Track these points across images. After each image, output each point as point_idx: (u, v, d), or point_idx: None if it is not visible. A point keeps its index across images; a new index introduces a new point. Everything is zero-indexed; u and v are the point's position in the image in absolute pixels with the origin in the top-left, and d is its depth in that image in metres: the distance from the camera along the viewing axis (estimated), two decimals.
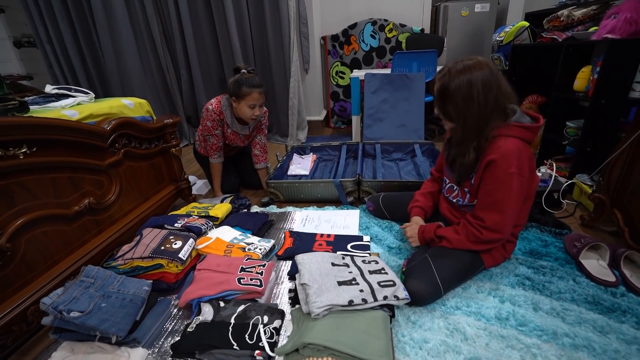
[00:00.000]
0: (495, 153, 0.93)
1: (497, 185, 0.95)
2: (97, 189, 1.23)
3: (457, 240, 1.04)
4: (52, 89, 1.35)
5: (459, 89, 0.91)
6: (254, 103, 1.54)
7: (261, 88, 1.54)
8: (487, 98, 0.91)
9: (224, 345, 0.84)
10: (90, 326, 0.86)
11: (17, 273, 0.95)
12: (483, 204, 1.00)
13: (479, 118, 0.94)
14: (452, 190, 1.15)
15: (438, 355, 0.83)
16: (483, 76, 0.90)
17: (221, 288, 0.99)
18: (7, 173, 0.93)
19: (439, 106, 1.00)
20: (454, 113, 0.96)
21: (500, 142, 0.93)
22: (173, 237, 1.18)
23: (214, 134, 1.65)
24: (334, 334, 0.77)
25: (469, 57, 0.94)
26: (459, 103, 0.93)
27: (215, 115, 1.62)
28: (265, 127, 1.84)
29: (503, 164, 0.92)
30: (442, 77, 0.96)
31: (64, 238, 1.10)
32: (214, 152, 1.69)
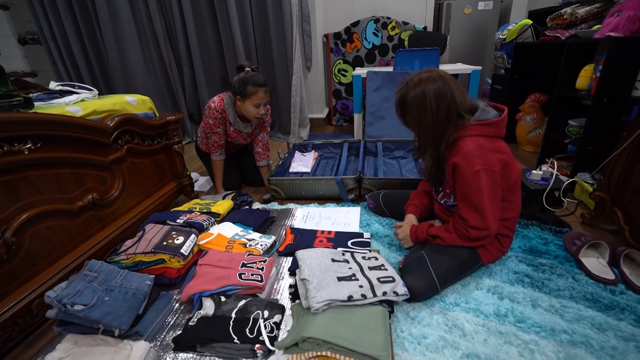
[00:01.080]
0: (457, 155, 0.98)
1: (467, 185, 0.98)
2: (100, 185, 1.25)
3: (449, 238, 1.06)
4: (56, 85, 1.37)
5: (414, 100, 0.98)
6: (259, 102, 1.53)
7: (266, 87, 1.54)
8: (439, 107, 0.96)
9: (225, 339, 0.86)
10: (94, 319, 0.87)
11: (21, 267, 0.97)
12: (461, 204, 1.03)
13: (434, 126, 0.99)
14: (438, 192, 1.17)
15: (436, 351, 0.84)
16: (436, 88, 0.96)
17: (222, 283, 1.00)
18: (12, 168, 0.94)
19: (400, 115, 1.07)
20: (412, 122, 1.04)
21: (461, 144, 0.97)
22: (175, 233, 1.19)
23: (216, 131, 1.65)
24: (333, 329, 0.78)
25: (426, 70, 1.01)
26: (414, 113, 1.00)
27: (217, 113, 1.62)
28: (268, 124, 1.83)
29: (466, 164, 0.96)
30: (401, 90, 1.03)
31: (67, 233, 1.11)
32: (216, 149, 1.69)
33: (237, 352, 0.84)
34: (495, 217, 1.00)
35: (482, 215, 0.98)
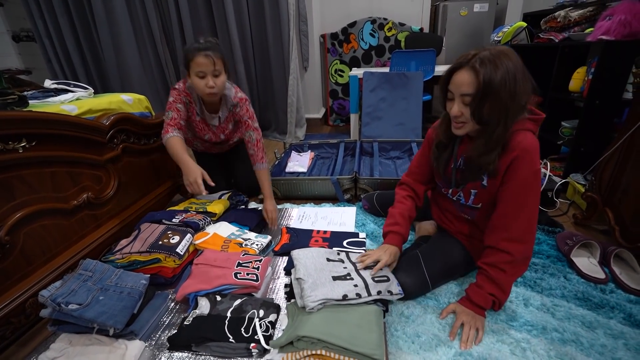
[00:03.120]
0: (515, 150, 0.83)
1: (522, 185, 0.84)
2: (95, 184, 1.24)
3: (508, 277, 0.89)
4: (51, 83, 1.36)
5: (505, 82, 0.76)
6: (201, 70, 1.23)
7: (209, 50, 1.22)
8: (526, 88, 0.79)
9: (220, 338, 0.86)
10: (88, 318, 0.87)
11: (15, 266, 0.97)
12: (505, 210, 0.88)
13: (516, 114, 0.81)
14: (455, 189, 1.03)
15: (430, 349, 0.85)
16: (519, 63, 0.78)
17: (218, 282, 1.00)
18: (6, 167, 0.94)
19: (477, 105, 0.80)
20: (493, 112, 0.80)
21: (519, 137, 0.83)
22: (171, 232, 1.19)
23: (175, 107, 1.33)
24: (328, 327, 0.79)
25: (487, 47, 0.81)
26: (503, 99, 0.77)
27: (179, 92, 1.36)
28: (250, 119, 1.44)
29: (527, 160, 0.82)
30: (481, 66, 0.77)
31: (62, 232, 1.11)
32: (171, 127, 1.30)
33: (233, 351, 0.85)
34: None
35: (531, 225, 0.86)
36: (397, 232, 1.04)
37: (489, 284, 0.90)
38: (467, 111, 0.83)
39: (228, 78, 1.37)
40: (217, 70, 1.25)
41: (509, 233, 0.87)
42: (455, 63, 0.83)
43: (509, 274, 0.88)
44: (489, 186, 0.91)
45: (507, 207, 0.88)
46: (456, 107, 0.85)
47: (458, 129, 0.89)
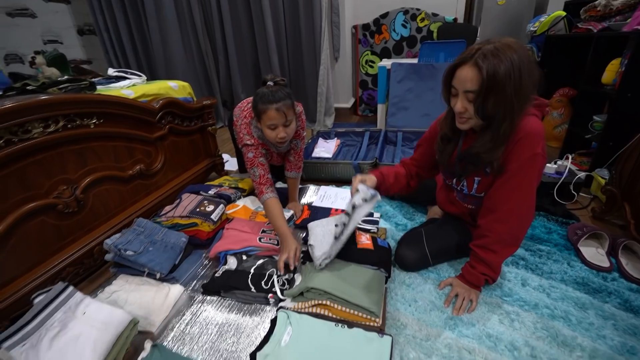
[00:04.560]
0: (519, 133, 0.84)
1: (519, 168, 0.87)
2: (146, 158, 1.45)
3: (499, 252, 0.95)
4: (113, 71, 1.59)
5: (509, 76, 0.75)
6: (273, 123, 1.17)
7: (280, 103, 1.14)
8: (531, 81, 0.79)
9: (244, 288, 1.02)
10: (141, 263, 1.07)
11: (87, 219, 1.19)
12: (499, 191, 0.91)
13: (522, 108, 0.82)
14: (459, 180, 1.06)
15: (425, 313, 0.96)
16: (525, 55, 0.77)
17: (245, 244, 1.17)
18: (81, 139, 1.15)
19: (482, 101, 0.80)
20: (497, 107, 0.80)
21: (524, 122, 0.85)
22: (207, 202, 1.37)
23: (258, 162, 1.26)
24: (334, 283, 0.92)
25: (493, 40, 0.80)
26: (507, 94, 0.77)
27: (256, 147, 1.28)
28: (302, 129, 1.41)
29: (527, 144, 0.84)
30: (485, 61, 0.76)
31: (120, 196, 1.33)
32: (264, 186, 1.24)
33: (253, 299, 1.01)
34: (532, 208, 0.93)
35: (530, 209, 0.91)
36: (380, 172, 1.13)
37: (480, 265, 0.97)
38: (471, 107, 0.83)
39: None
40: (288, 120, 1.19)
41: (497, 214, 0.92)
42: (459, 58, 0.83)
43: (499, 254, 0.94)
44: (492, 173, 0.94)
45: (498, 189, 0.91)
46: (460, 103, 0.85)
47: (462, 124, 0.90)
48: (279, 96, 1.15)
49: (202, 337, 0.92)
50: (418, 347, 0.85)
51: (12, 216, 0.97)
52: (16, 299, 0.97)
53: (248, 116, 1.30)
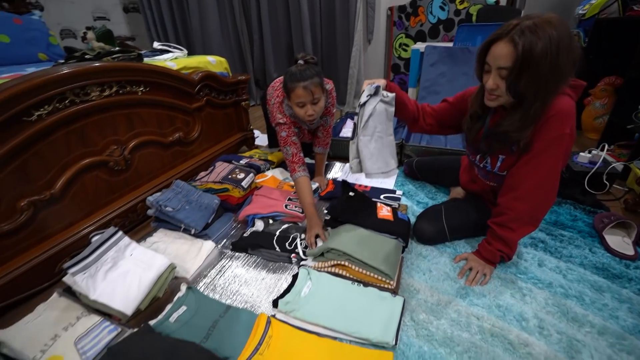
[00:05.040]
0: (550, 110, 0.83)
1: (545, 147, 0.86)
2: (185, 127, 1.56)
3: (516, 230, 0.96)
4: (157, 45, 1.70)
5: (546, 53, 0.73)
6: (300, 101, 1.21)
7: (307, 81, 1.17)
8: (569, 60, 0.77)
9: (269, 247, 1.11)
10: (178, 219, 1.18)
11: (132, 178, 1.32)
12: (521, 169, 0.91)
13: (556, 88, 0.81)
14: (483, 156, 1.06)
15: (438, 281, 1.00)
16: (565, 32, 0.74)
17: (272, 209, 1.25)
18: (130, 105, 1.27)
19: (514, 78, 0.79)
20: (530, 86, 0.79)
21: (556, 100, 0.83)
22: (238, 170, 1.47)
23: (291, 141, 1.32)
24: (353, 246, 0.98)
25: (534, 15, 0.77)
26: (542, 72, 0.76)
27: (289, 126, 1.32)
28: (332, 106, 1.43)
29: (556, 123, 0.83)
30: (521, 37, 0.74)
31: (161, 159, 1.45)
32: (296, 164, 1.29)
33: (278, 257, 1.10)
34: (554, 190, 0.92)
35: (552, 189, 0.90)
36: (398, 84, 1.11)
37: (496, 241, 0.99)
38: (503, 85, 0.82)
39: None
40: (315, 98, 1.21)
41: (518, 192, 0.92)
42: (495, 34, 0.81)
43: (517, 232, 0.96)
44: (518, 152, 0.93)
45: (522, 167, 0.91)
46: (492, 80, 0.84)
47: (491, 101, 0.89)
48: (307, 74, 1.18)
49: (229, 286, 1.02)
50: (428, 310, 0.90)
51: (74, 168, 1.11)
52: (75, 240, 1.11)
53: (280, 95, 1.34)
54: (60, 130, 1.06)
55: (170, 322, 0.86)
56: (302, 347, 0.77)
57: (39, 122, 0.99)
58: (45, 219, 1.07)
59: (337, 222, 1.13)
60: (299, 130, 1.41)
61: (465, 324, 0.86)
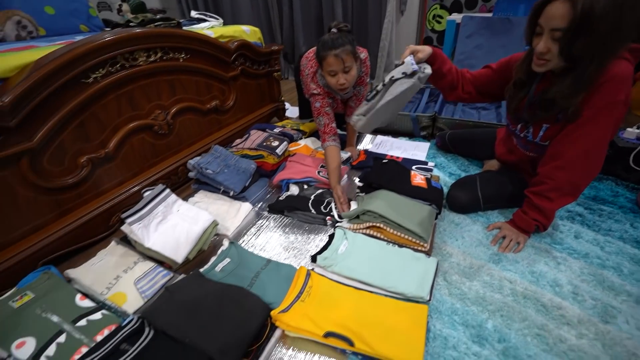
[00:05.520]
0: (605, 75, 0.79)
1: (595, 114, 0.82)
2: (221, 95, 1.61)
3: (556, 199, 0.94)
4: (195, 14, 1.73)
5: (607, 13, 0.69)
6: (332, 69, 1.20)
7: (339, 49, 1.16)
8: (633, 21, 0.71)
9: (305, 209, 1.16)
10: (218, 181, 1.25)
11: (173, 142, 1.39)
12: (567, 137, 0.88)
13: (615, 51, 0.76)
14: (525, 126, 1.02)
15: (470, 247, 1.02)
16: None
17: (305, 174, 1.29)
18: (172, 71, 1.32)
19: (570, 40, 0.74)
20: (587, 49, 0.74)
21: (611, 64, 0.78)
22: (272, 138, 1.51)
23: (324, 112, 1.33)
24: (389, 209, 1.01)
25: None
26: (602, 33, 0.71)
27: (323, 97, 1.34)
28: (366, 75, 1.42)
29: (611, 89, 0.78)
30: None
31: (199, 126, 1.51)
32: (327, 134, 1.31)
33: (313, 219, 1.14)
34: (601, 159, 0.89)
35: (598, 159, 0.87)
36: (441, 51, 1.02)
37: (533, 211, 0.98)
38: (556, 47, 0.78)
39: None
40: (347, 67, 1.20)
41: (561, 161, 0.90)
42: None
43: (555, 202, 0.94)
44: (564, 121, 0.89)
45: (567, 135, 0.88)
46: (543, 43, 0.79)
47: (540, 66, 0.84)
48: (338, 43, 1.17)
49: (267, 245, 1.08)
50: (461, 272, 0.93)
51: (123, 130, 1.18)
52: (125, 197, 1.20)
53: (314, 65, 1.34)
54: (112, 93, 1.13)
55: (216, 271, 0.93)
56: (342, 296, 0.82)
57: (95, 85, 1.06)
58: (101, 176, 1.16)
59: (371, 188, 1.15)
60: (332, 100, 1.42)
61: (497, 286, 0.88)
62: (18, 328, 0.73)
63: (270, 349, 0.75)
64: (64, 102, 0.99)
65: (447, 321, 0.80)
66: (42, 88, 0.92)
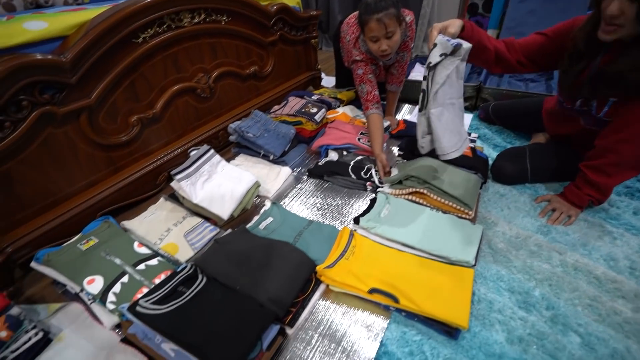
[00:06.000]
0: None
1: None
2: (259, 60, 1.60)
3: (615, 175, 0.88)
4: None
5: None
6: (374, 35, 1.15)
7: (381, 13, 1.10)
8: None
9: (345, 174, 1.16)
10: (259, 144, 1.27)
11: (214, 106, 1.42)
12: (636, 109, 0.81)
13: None
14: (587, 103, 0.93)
15: (517, 218, 0.99)
16: None
17: (345, 141, 1.29)
18: (215, 33, 1.32)
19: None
20: None
21: None
22: (311, 105, 1.50)
23: (367, 79, 1.28)
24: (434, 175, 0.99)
25: None
26: None
27: (365, 63, 1.30)
28: (410, 40, 1.35)
29: None
30: None
31: (238, 91, 1.53)
32: (370, 102, 1.26)
33: (353, 184, 1.14)
34: None
35: None
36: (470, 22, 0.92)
37: (587, 187, 0.92)
38: (632, 9, 0.69)
39: None
40: (389, 32, 1.14)
41: (625, 134, 0.83)
42: None
43: (614, 177, 0.88)
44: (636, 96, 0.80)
45: (634, 108, 0.81)
46: (616, 3, 0.70)
47: (609, 33, 0.75)
48: (381, 5, 1.10)
49: (307, 207, 1.09)
50: (506, 241, 0.91)
51: (169, 91, 1.21)
52: (170, 158, 1.25)
53: (356, 31, 1.29)
54: (159, 54, 1.15)
55: (260, 229, 0.96)
56: (385, 257, 0.83)
57: (144, 45, 1.08)
58: (149, 136, 1.21)
59: (414, 155, 1.13)
60: (375, 67, 1.37)
61: (546, 256, 0.86)
62: (87, 267, 0.80)
63: (315, 302, 0.78)
64: (117, 62, 1.03)
65: (492, 287, 0.79)
66: (98, 46, 0.95)
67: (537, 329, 0.69)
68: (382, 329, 0.71)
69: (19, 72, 0.79)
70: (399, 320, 0.73)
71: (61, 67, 0.87)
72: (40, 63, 0.83)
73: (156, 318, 0.65)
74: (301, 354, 0.69)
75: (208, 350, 0.59)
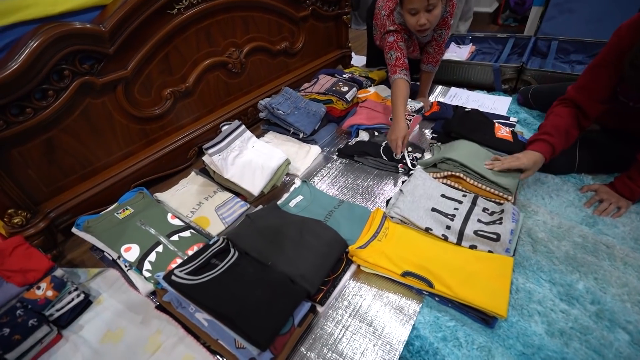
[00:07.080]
0: None
1: None
2: (290, 36, 1.56)
3: None
4: None
5: None
6: (413, 7, 1.07)
7: None
8: None
9: (376, 155, 1.13)
10: (288, 122, 1.25)
11: (245, 82, 1.41)
12: None
13: None
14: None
15: (559, 207, 0.93)
16: None
17: (376, 121, 1.25)
18: (247, 6, 1.29)
19: None
20: None
21: None
22: (341, 83, 1.45)
23: (397, 46, 1.22)
24: (472, 158, 0.94)
25: None
26: None
27: (398, 32, 1.23)
28: (450, 16, 1.25)
29: None
30: None
31: (268, 68, 1.50)
32: (398, 67, 1.20)
33: (384, 166, 1.11)
34: None
35: None
36: (546, 140, 0.89)
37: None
38: None
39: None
40: (431, 4, 1.05)
41: None
42: None
43: None
44: None
45: None
46: None
47: None
48: None
49: (337, 187, 1.08)
50: (548, 230, 0.86)
51: (201, 65, 1.20)
52: (201, 133, 1.26)
53: (392, 5, 1.24)
54: (193, 27, 1.14)
55: (290, 206, 0.96)
56: (419, 241, 0.81)
57: (178, 16, 1.07)
58: (181, 111, 1.21)
59: (450, 137, 1.08)
60: (408, 38, 1.30)
61: (591, 249, 0.80)
62: (124, 235, 0.83)
63: (345, 282, 0.77)
64: (153, 33, 1.02)
65: (532, 277, 0.75)
66: (136, 16, 0.95)
67: (581, 323, 0.66)
68: (414, 313, 0.70)
69: (61, 40, 0.80)
70: (432, 305, 0.71)
71: (101, 37, 0.88)
72: (81, 32, 0.84)
73: (191, 288, 0.66)
74: (332, 331, 0.69)
75: (242, 323, 0.60)
